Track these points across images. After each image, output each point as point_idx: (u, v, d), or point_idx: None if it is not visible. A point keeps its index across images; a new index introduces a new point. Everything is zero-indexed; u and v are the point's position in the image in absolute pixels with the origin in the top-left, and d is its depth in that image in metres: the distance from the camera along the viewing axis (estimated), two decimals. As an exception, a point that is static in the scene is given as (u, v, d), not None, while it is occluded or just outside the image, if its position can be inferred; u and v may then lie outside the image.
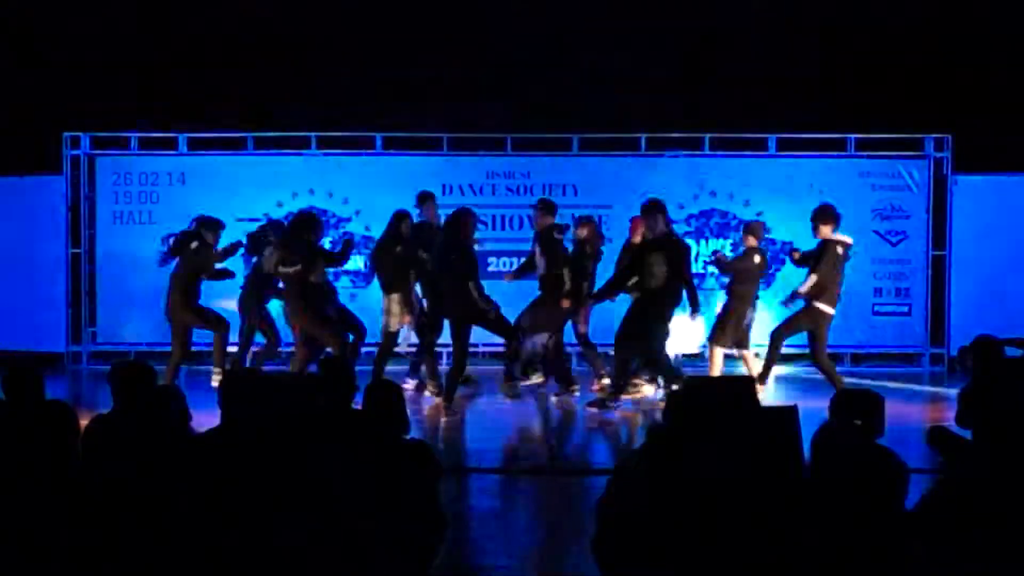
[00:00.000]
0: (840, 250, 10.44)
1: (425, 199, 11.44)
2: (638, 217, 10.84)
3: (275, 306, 11.52)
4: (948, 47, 13.40)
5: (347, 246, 10.95)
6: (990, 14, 13.43)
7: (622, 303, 10.68)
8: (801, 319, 10.57)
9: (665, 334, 10.14)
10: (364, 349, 11.20)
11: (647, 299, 10.13)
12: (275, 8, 13.87)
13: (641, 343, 10.05)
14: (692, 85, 13.44)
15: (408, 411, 5.27)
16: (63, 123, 13.49)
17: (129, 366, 5.86)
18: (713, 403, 4.58)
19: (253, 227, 13.51)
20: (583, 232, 11.06)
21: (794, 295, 10.52)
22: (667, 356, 10.27)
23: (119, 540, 4.50)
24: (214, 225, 11.23)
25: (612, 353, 10.49)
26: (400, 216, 11.02)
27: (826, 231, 10.49)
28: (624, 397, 10.38)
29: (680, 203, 13.40)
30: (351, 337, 10.85)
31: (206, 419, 5.40)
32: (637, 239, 10.83)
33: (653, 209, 10.29)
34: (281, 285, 10.72)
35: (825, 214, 10.58)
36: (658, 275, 10.03)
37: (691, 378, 10.04)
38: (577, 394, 10.92)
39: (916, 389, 12.24)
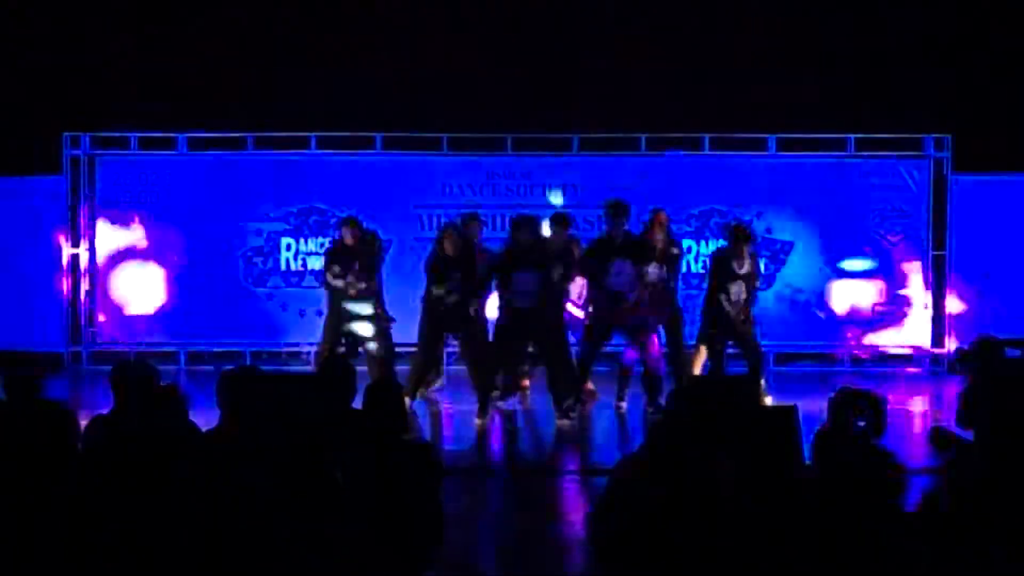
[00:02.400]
0: None
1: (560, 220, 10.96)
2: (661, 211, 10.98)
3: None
4: (948, 47, 13.38)
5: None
6: (990, 14, 13.42)
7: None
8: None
9: None
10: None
11: None
12: (275, 8, 13.86)
13: None
14: (692, 85, 13.42)
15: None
16: (63, 123, 13.48)
17: (129, 366, 5.87)
18: (713, 403, 4.58)
19: (254, 227, 13.58)
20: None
21: None
22: None
23: (119, 540, 4.50)
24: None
25: None
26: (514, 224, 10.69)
27: None
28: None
29: (680, 203, 13.39)
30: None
31: (206, 419, 5.40)
32: (659, 236, 10.81)
33: None
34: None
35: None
36: None
37: (692, 378, 10.09)
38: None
39: (916, 389, 12.23)
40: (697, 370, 10.54)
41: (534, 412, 10.63)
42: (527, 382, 11.15)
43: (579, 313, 10.56)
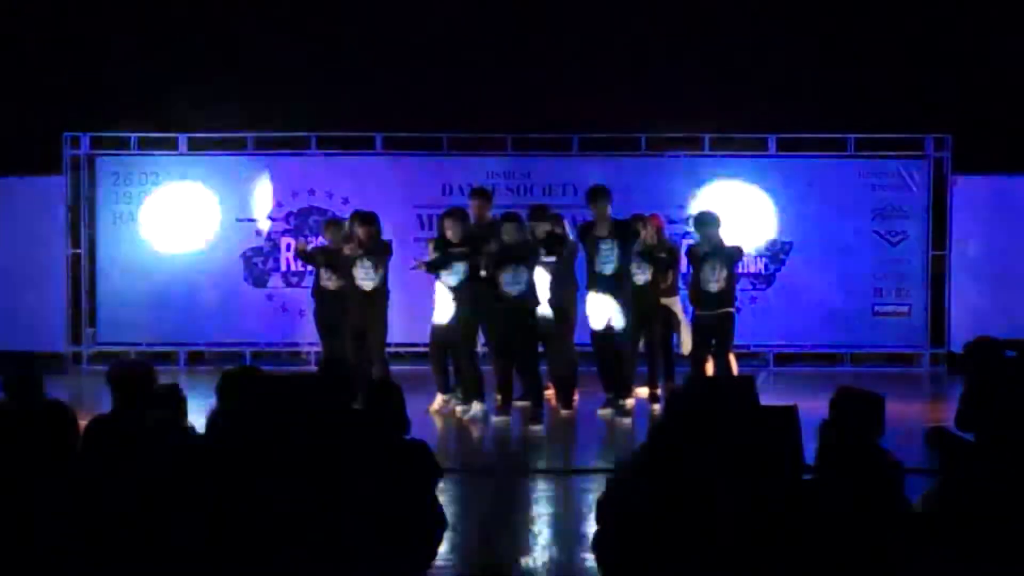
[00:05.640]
0: None
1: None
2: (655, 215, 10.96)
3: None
4: (948, 47, 13.38)
5: None
6: (990, 14, 13.42)
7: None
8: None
9: None
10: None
11: None
12: (274, 8, 13.86)
13: None
14: (692, 85, 13.42)
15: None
16: (63, 123, 13.48)
17: (129, 366, 5.86)
18: (713, 403, 4.58)
19: (253, 227, 13.58)
20: None
21: None
22: None
23: (119, 540, 4.50)
24: None
25: None
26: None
27: None
28: None
29: (680, 203, 13.39)
30: None
31: (206, 419, 5.40)
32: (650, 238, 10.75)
33: None
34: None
35: None
36: None
37: (691, 378, 10.08)
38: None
39: (916, 389, 12.22)
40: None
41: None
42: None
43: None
